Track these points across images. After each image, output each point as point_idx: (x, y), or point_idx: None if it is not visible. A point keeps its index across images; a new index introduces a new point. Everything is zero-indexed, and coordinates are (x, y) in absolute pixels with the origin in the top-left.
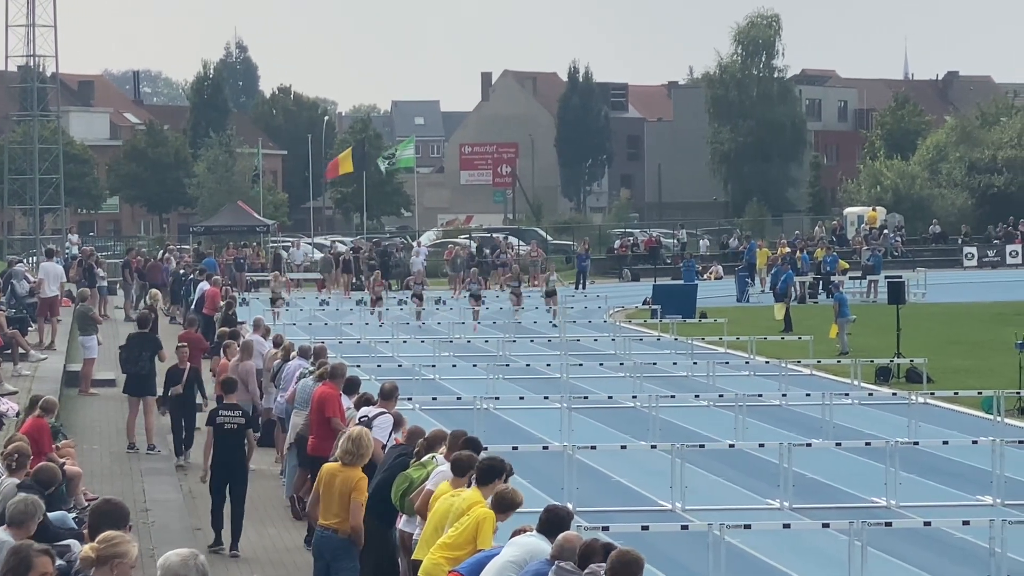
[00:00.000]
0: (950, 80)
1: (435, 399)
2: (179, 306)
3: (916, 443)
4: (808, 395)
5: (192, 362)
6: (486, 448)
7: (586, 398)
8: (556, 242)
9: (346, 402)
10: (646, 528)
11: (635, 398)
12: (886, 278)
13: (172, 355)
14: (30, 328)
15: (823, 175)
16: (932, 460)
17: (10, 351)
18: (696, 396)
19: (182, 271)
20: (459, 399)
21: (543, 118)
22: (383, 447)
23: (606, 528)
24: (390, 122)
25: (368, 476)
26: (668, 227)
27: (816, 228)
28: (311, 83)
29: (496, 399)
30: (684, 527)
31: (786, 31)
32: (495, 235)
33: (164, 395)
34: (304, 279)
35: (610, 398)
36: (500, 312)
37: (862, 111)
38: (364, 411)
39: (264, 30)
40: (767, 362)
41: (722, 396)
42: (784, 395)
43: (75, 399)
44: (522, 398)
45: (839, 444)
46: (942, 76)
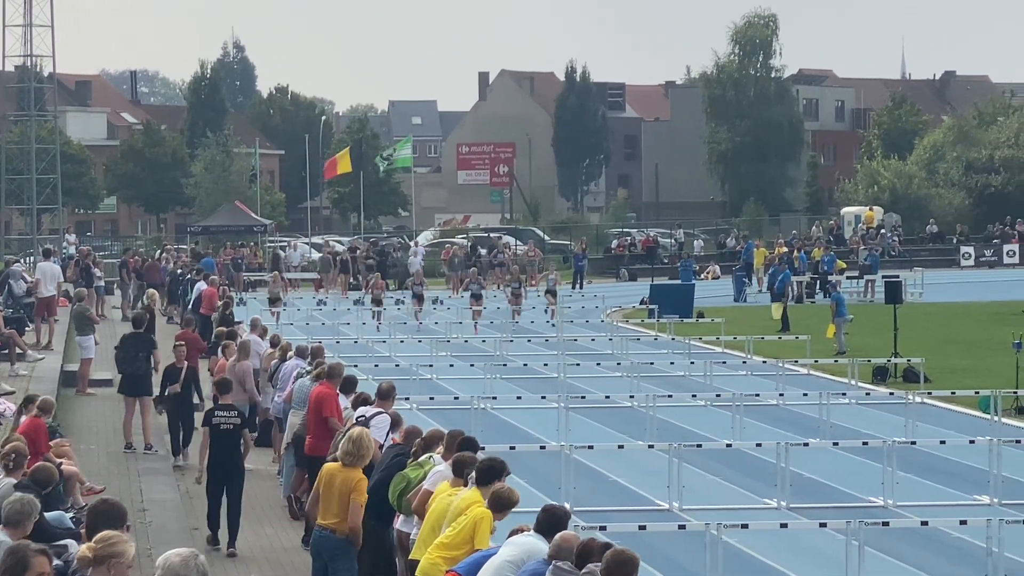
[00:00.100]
0: (947, 80)
1: (432, 399)
2: (176, 306)
3: (913, 443)
4: (805, 395)
5: (189, 362)
6: (483, 448)
7: (583, 398)
8: (553, 242)
9: (343, 402)
10: (643, 528)
11: (632, 398)
12: (883, 278)
13: (169, 355)
14: (27, 328)
15: (820, 175)
16: (929, 460)
17: (7, 351)
18: (693, 396)
19: (179, 271)
20: (456, 399)
21: (540, 118)
22: (380, 447)
23: (603, 528)
24: (387, 122)
25: (366, 476)
26: (665, 227)
27: (813, 228)
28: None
29: (493, 399)
30: (681, 527)
31: (783, 31)
32: (492, 235)
33: (161, 394)
34: (302, 279)
35: (607, 398)
36: (498, 312)
37: (859, 111)
38: (361, 411)
39: (261, 30)
40: (764, 362)
41: (719, 396)
42: (781, 395)
43: (72, 399)
44: (519, 398)
45: (836, 444)
46: (939, 76)
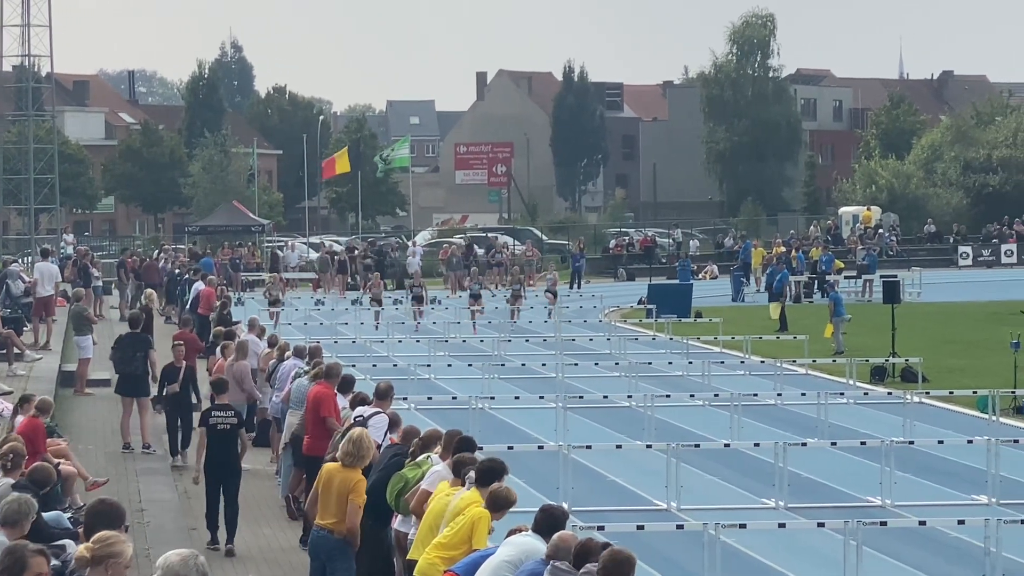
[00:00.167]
0: (945, 79)
1: (430, 399)
2: (174, 306)
3: (911, 442)
4: (803, 394)
5: (188, 362)
6: (481, 448)
7: (581, 398)
8: (551, 242)
9: (341, 402)
10: (641, 528)
11: (630, 398)
12: (881, 277)
13: (166, 355)
14: (25, 328)
15: (818, 175)
16: (927, 459)
17: (5, 351)
18: (691, 396)
19: (177, 271)
20: (454, 399)
21: (538, 118)
22: (378, 447)
23: (601, 528)
24: (385, 122)
25: (364, 477)
26: (663, 227)
27: (811, 228)
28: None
29: (491, 399)
30: (679, 527)
31: (781, 31)
32: (490, 235)
33: (160, 394)
34: (299, 279)
35: (605, 398)
36: (496, 312)
37: (857, 111)
38: (359, 411)
39: (259, 30)
40: (762, 361)
41: (717, 396)
42: (779, 394)
43: (70, 399)
44: (517, 398)
45: (834, 443)
46: (937, 75)
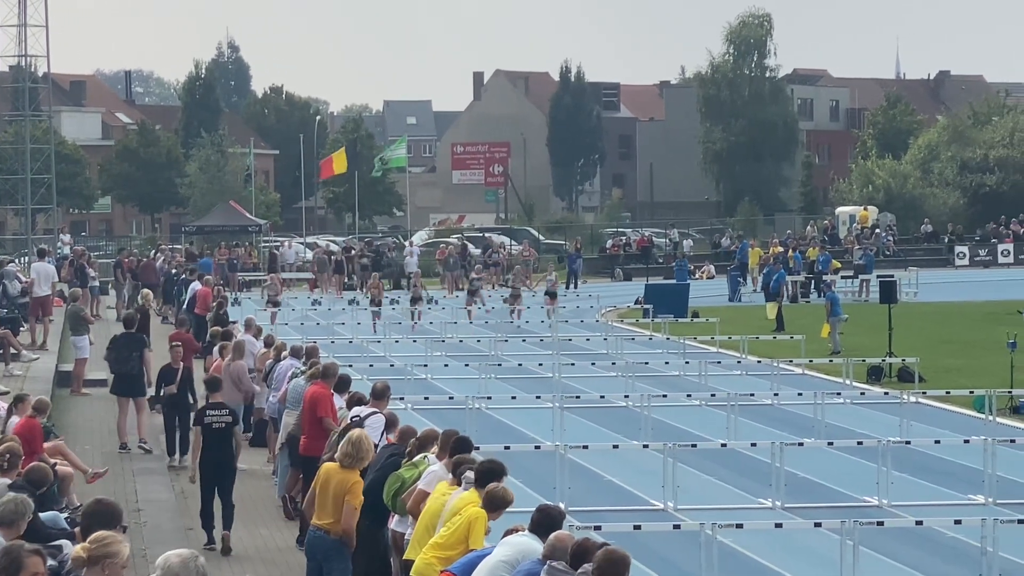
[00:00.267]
0: (942, 79)
1: (427, 399)
2: (171, 306)
3: (908, 442)
4: (800, 394)
5: (184, 362)
6: (478, 448)
7: (578, 397)
8: (548, 241)
9: (338, 402)
10: (638, 528)
11: (627, 397)
12: (878, 277)
13: (162, 355)
14: (22, 328)
15: (815, 174)
16: (924, 459)
17: (2, 351)
18: (688, 395)
19: (174, 271)
20: (451, 399)
21: (535, 118)
22: (375, 447)
23: (598, 528)
24: (382, 122)
25: (361, 478)
26: (660, 227)
27: (808, 227)
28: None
29: (488, 399)
30: (676, 527)
31: (778, 31)
32: (486, 235)
33: (157, 394)
34: (296, 279)
35: (602, 397)
36: (494, 312)
37: (854, 110)
38: (356, 411)
39: (256, 30)
40: (759, 361)
41: (714, 395)
42: (776, 394)
43: (67, 399)
44: (514, 398)
45: (831, 443)
46: (934, 75)
